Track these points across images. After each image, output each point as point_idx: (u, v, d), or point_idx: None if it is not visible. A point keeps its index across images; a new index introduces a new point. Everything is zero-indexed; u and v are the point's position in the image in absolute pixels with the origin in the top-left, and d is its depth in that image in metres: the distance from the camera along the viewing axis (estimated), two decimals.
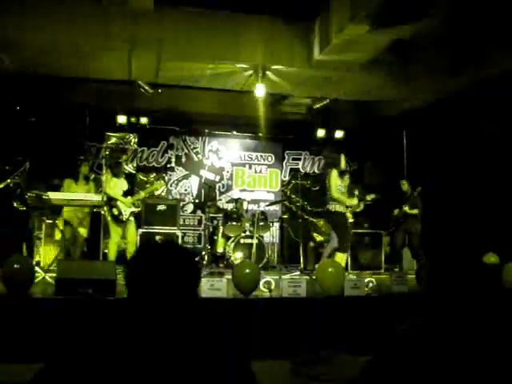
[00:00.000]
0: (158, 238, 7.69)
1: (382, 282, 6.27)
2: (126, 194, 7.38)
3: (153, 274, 1.42)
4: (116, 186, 7.35)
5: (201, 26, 7.10)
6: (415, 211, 8.34)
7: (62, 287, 4.71)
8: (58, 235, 7.73)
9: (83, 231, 7.74)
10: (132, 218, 7.37)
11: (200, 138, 10.75)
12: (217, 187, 10.72)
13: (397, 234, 8.64)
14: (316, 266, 7.50)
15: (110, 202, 7.14)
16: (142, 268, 1.44)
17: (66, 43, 6.84)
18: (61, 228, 7.53)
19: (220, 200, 10.63)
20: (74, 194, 7.23)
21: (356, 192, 7.66)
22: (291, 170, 11.17)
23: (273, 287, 5.28)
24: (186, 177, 10.60)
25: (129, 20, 6.79)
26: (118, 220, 7.19)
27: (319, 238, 8.73)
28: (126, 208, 7.24)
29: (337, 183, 6.81)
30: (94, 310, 4.45)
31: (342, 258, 6.73)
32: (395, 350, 1.53)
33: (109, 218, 7.19)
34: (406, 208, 8.39)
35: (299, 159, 11.29)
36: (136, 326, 1.39)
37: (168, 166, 10.49)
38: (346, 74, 7.70)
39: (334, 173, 6.86)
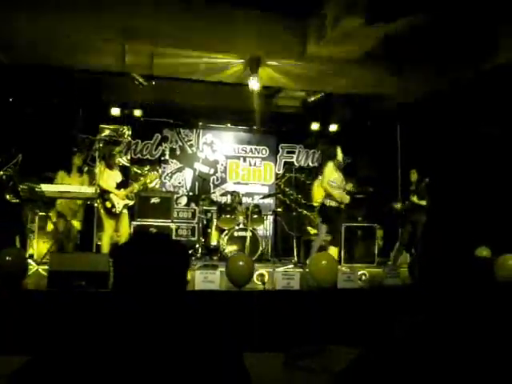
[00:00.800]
0: (151, 230, 7.69)
1: (375, 275, 6.30)
2: (119, 186, 7.35)
3: (140, 265, 1.41)
4: (109, 179, 7.32)
5: (195, 18, 7.06)
6: (423, 202, 8.29)
7: (55, 279, 4.71)
8: (51, 228, 7.71)
9: (76, 224, 7.72)
10: (125, 211, 7.34)
11: (194, 131, 10.73)
12: (211, 180, 10.71)
13: (404, 226, 8.57)
14: (308, 259, 7.54)
15: (103, 194, 7.11)
16: (129, 258, 1.43)
17: (59, 34, 6.79)
18: (54, 220, 7.51)
19: (214, 193, 10.63)
20: (68, 186, 7.19)
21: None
22: (285, 163, 11.18)
23: (266, 280, 5.29)
24: (180, 169, 10.58)
25: (123, 11, 6.74)
26: (111, 213, 7.16)
27: (313, 231, 8.74)
28: (120, 201, 7.22)
29: (331, 175, 6.82)
30: (87, 303, 4.45)
31: (334, 251, 6.76)
32: (385, 342, 1.54)
33: (102, 211, 7.16)
34: (415, 198, 8.31)
35: (293, 152, 11.29)
36: (126, 318, 1.38)
37: (162, 158, 10.47)
38: (341, 67, 7.70)
39: (330, 165, 6.88)
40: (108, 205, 7.14)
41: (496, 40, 6.75)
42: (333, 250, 6.74)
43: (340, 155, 6.99)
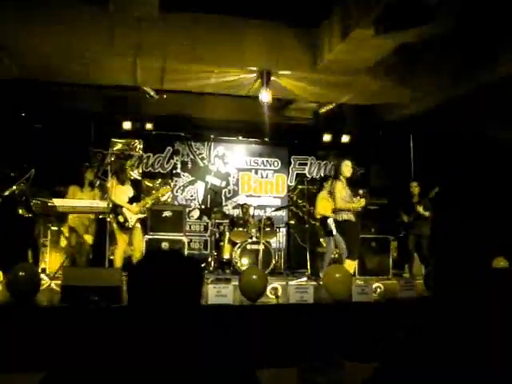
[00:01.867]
0: (164, 244, 7.67)
1: (390, 288, 6.22)
2: (131, 200, 7.35)
3: (155, 282, 1.40)
4: (122, 193, 7.32)
5: (205, 32, 7.09)
6: (427, 213, 8.24)
7: (68, 294, 4.71)
8: (63, 242, 7.73)
9: (89, 238, 7.71)
10: (138, 225, 7.33)
11: (206, 144, 10.74)
12: (223, 193, 10.70)
13: (409, 238, 8.51)
14: (321, 272, 7.47)
15: (116, 209, 7.11)
16: (144, 275, 1.42)
17: (71, 49, 6.84)
18: (66, 235, 7.52)
19: (226, 206, 10.61)
20: (80, 200, 7.21)
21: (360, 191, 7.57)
22: (297, 175, 11.13)
23: (280, 293, 5.24)
24: (191, 183, 10.58)
25: (134, 26, 6.78)
26: (124, 227, 7.14)
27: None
28: (132, 215, 7.21)
29: (341, 194, 6.75)
30: (100, 317, 4.42)
31: (350, 265, 6.67)
32: (400, 355, 1.50)
33: (115, 226, 7.15)
34: (421, 209, 8.26)
35: (305, 164, 11.25)
36: (139, 334, 1.37)
37: (174, 171, 10.48)
38: (352, 78, 7.68)
39: (339, 184, 6.81)
40: (121, 219, 7.13)
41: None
42: (348, 264, 6.64)
43: (346, 170, 6.86)
